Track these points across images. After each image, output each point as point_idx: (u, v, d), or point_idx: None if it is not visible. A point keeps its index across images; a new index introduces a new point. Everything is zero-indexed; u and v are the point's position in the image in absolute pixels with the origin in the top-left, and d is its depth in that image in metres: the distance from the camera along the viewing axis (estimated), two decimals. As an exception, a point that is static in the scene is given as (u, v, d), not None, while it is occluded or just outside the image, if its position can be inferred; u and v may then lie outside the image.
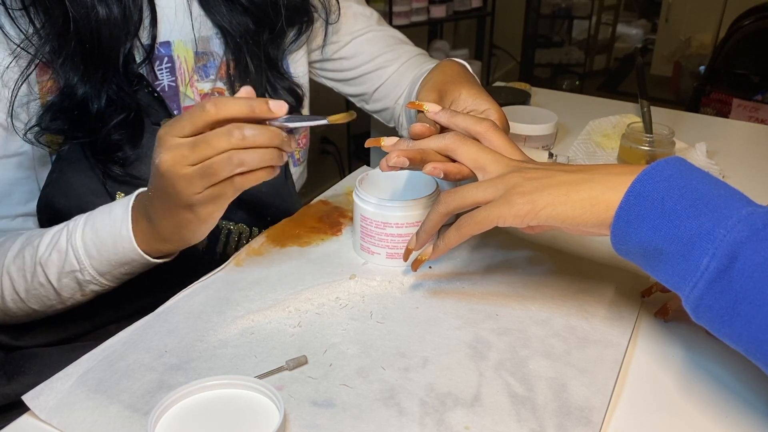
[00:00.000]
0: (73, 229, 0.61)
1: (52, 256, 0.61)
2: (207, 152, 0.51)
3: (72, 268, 0.60)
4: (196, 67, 0.72)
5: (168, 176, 0.52)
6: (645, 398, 0.51)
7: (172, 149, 0.52)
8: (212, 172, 0.52)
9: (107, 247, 0.59)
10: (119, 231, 0.59)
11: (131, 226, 0.59)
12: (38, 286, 0.62)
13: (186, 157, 0.52)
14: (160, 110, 0.68)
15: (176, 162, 0.52)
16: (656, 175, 0.46)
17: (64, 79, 0.62)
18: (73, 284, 0.62)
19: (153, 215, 0.57)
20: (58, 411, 0.48)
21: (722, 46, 1.94)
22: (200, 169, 0.52)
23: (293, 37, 0.79)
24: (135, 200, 0.60)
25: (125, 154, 0.66)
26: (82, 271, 0.61)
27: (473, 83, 0.70)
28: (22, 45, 0.59)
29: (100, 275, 0.61)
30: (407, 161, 0.56)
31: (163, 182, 0.53)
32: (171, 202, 0.55)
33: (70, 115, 0.63)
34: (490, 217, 0.51)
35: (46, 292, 0.62)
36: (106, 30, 0.62)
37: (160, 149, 0.53)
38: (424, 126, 0.59)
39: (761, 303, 0.40)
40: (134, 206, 0.59)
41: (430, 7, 2.55)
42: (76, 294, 0.63)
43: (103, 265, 0.60)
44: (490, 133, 0.58)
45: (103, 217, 0.60)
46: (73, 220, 0.62)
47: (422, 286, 0.63)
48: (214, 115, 0.51)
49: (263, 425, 0.45)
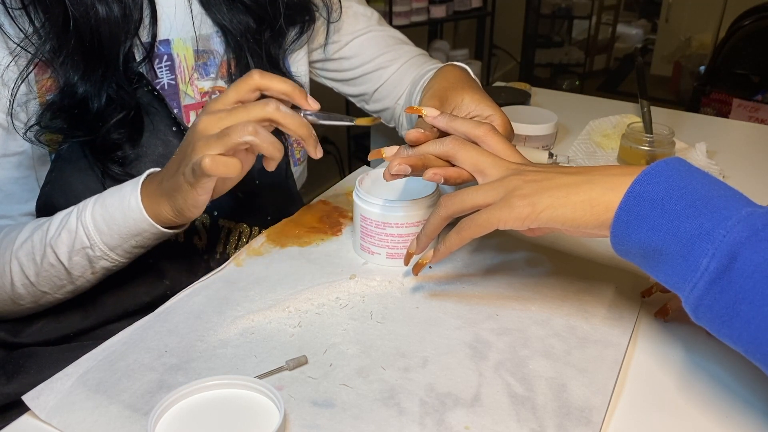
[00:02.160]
0: (82, 208, 0.62)
1: (62, 236, 0.61)
2: (242, 116, 0.54)
3: (82, 245, 0.61)
4: (196, 66, 0.72)
5: (197, 135, 0.55)
6: (645, 398, 0.51)
7: (212, 113, 0.55)
8: (226, 134, 0.53)
9: (117, 220, 0.60)
10: (129, 203, 0.60)
11: (141, 198, 0.59)
12: (48, 267, 0.62)
13: (222, 119, 0.54)
14: (160, 109, 0.68)
15: (211, 124, 0.54)
16: (656, 176, 0.46)
17: (64, 78, 0.62)
18: (84, 261, 0.62)
19: (167, 180, 0.58)
20: (58, 411, 0.48)
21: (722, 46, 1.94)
22: (220, 131, 0.54)
23: (294, 36, 0.79)
24: (146, 177, 0.61)
25: (124, 153, 0.66)
26: (93, 247, 0.61)
27: (476, 88, 0.70)
28: (21, 44, 0.60)
29: (110, 249, 0.61)
30: (409, 168, 0.57)
31: (189, 142, 0.56)
32: (182, 162, 0.56)
33: (70, 114, 0.63)
34: (490, 220, 0.51)
35: (56, 272, 0.63)
36: (106, 28, 0.62)
37: (201, 115, 0.56)
38: (419, 132, 0.59)
39: (761, 303, 0.41)
40: (145, 182, 0.61)
41: (430, 7, 2.55)
42: (87, 272, 0.63)
43: (114, 239, 0.61)
44: (489, 136, 0.58)
45: (113, 193, 0.61)
46: (83, 202, 0.63)
47: (422, 286, 0.63)
48: (258, 81, 0.56)
49: (263, 425, 0.45)
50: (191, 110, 0.73)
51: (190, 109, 0.73)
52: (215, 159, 0.53)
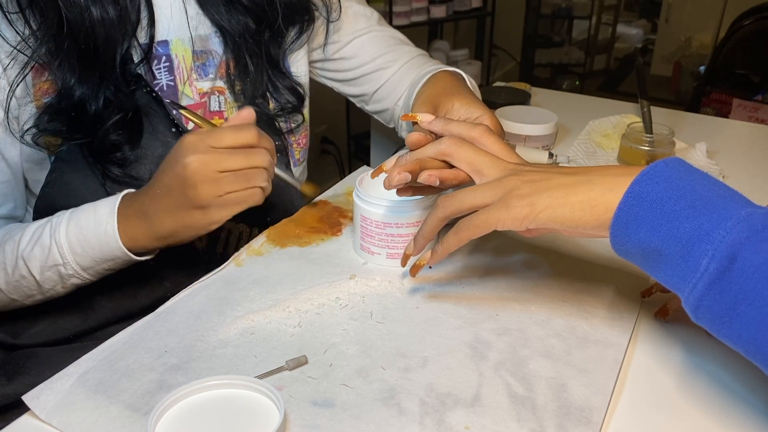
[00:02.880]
0: (56, 224, 0.62)
1: (34, 251, 0.62)
2: (242, 164, 0.58)
3: (55, 263, 0.62)
4: (195, 66, 0.72)
5: (195, 176, 0.57)
6: (645, 398, 0.51)
7: (206, 153, 0.57)
8: (246, 179, 0.59)
9: (92, 244, 0.61)
10: (104, 230, 0.61)
11: (117, 225, 0.60)
12: (20, 278, 0.63)
13: (220, 163, 0.57)
14: (159, 110, 0.68)
15: (209, 166, 0.57)
16: (655, 176, 0.46)
17: (61, 81, 0.62)
18: (56, 277, 0.63)
19: (153, 213, 0.59)
20: (58, 411, 0.48)
21: (722, 46, 1.94)
22: (236, 175, 0.58)
23: (294, 35, 0.79)
24: (122, 200, 0.62)
25: (124, 155, 0.66)
26: (65, 266, 0.62)
27: (466, 93, 0.70)
28: (18, 47, 0.59)
29: (83, 270, 0.63)
30: (409, 176, 0.57)
31: (185, 182, 0.57)
32: (184, 202, 0.58)
33: (68, 117, 0.63)
34: (488, 221, 0.51)
35: (27, 284, 0.64)
36: (101, 31, 0.62)
37: (190, 152, 0.57)
38: (420, 134, 0.59)
39: (761, 304, 0.41)
40: (121, 205, 0.61)
41: (430, 7, 2.55)
42: (57, 286, 0.64)
43: (87, 261, 0.62)
44: (485, 137, 0.58)
45: (88, 215, 0.62)
46: (55, 216, 0.63)
47: (422, 286, 0.63)
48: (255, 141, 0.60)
49: (263, 425, 0.45)
50: None
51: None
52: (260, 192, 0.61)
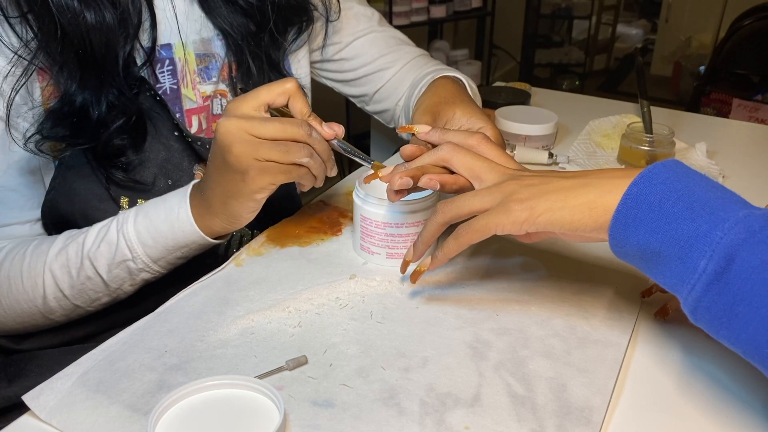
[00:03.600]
0: (123, 220, 0.62)
1: (101, 248, 0.62)
2: (276, 132, 0.55)
3: (124, 258, 0.62)
4: (198, 69, 0.72)
5: (227, 137, 0.55)
6: (645, 398, 0.51)
7: (237, 117, 0.55)
8: (284, 150, 0.55)
9: (163, 233, 0.61)
10: (177, 215, 0.61)
11: (190, 209, 0.61)
12: (85, 279, 0.63)
13: (253, 127, 0.55)
14: (162, 113, 0.68)
15: (240, 127, 0.55)
16: (653, 178, 0.46)
17: (63, 86, 0.61)
18: (124, 274, 0.63)
19: (207, 186, 0.59)
20: (58, 411, 0.48)
21: (722, 46, 1.94)
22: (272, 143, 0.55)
23: (293, 36, 0.79)
24: (192, 188, 0.62)
25: (128, 159, 0.66)
26: (135, 260, 0.62)
27: (468, 102, 0.70)
28: (18, 52, 0.59)
29: (153, 262, 0.63)
30: (411, 181, 0.57)
31: (220, 146, 0.56)
32: (225, 167, 0.57)
33: (71, 122, 0.62)
34: (488, 225, 0.51)
35: (93, 285, 0.63)
36: (97, 36, 0.61)
37: (223, 118, 0.55)
38: (414, 147, 0.60)
39: (759, 305, 0.41)
40: (191, 193, 0.62)
41: (430, 7, 2.55)
42: (125, 284, 0.64)
43: (158, 251, 0.62)
44: (483, 145, 0.58)
45: (156, 205, 0.62)
46: (121, 214, 0.63)
47: (422, 288, 0.63)
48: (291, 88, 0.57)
49: (263, 425, 0.45)
50: (193, 114, 0.73)
51: (192, 114, 0.73)
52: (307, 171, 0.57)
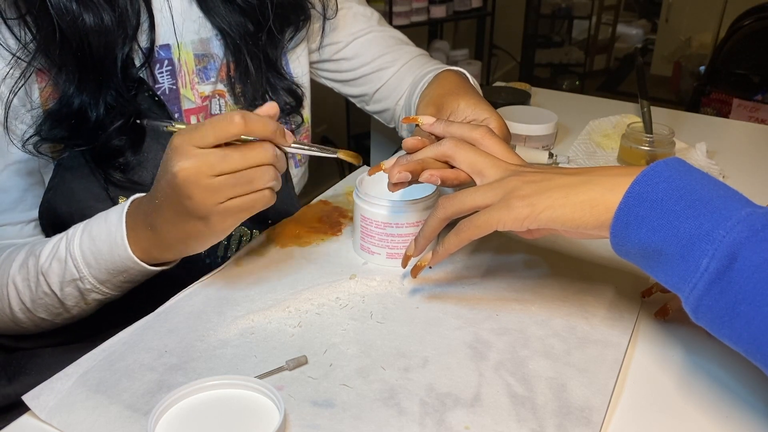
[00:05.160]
0: (71, 237, 0.60)
1: (53, 266, 0.60)
2: (239, 164, 0.52)
3: (72, 277, 0.60)
4: (196, 70, 0.72)
5: (187, 185, 0.51)
6: (645, 398, 0.51)
7: (195, 158, 0.51)
8: (247, 181, 0.52)
9: (104, 255, 0.58)
10: (114, 239, 0.58)
11: (125, 233, 0.57)
12: (43, 295, 0.61)
13: (213, 167, 0.51)
14: (161, 113, 0.68)
15: (200, 171, 0.51)
16: (655, 177, 0.46)
17: (62, 88, 0.61)
18: (76, 293, 0.61)
19: (158, 224, 0.56)
20: (58, 411, 0.48)
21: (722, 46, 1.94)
22: (234, 178, 0.52)
23: (290, 34, 0.79)
24: (130, 207, 0.58)
25: (126, 160, 0.65)
26: (82, 280, 0.60)
27: (472, 93, 0.70)
28: (17, 54, 0.59)
29: (100, 283, 0.60)
30: (410, 175, 0.57)
31: (178, 191, 0.52)
32: (183, 212, 0.53)
33: (69, 124, 0.62)
34: (489, 221, 0.51)
35: (51, 301, 0.62)
36: (95, 38, 0.61)
37: (177, 158, 0.51)
38: (415, 139, 0.59)
39: (761, 304, 0.41)
40: (129, 213, 0.58)
41: (430, 7, 2.55)
42: (80, 302, 0.62)
43: (102, 274, 0.59)
44: (487, 138, 0.58)
45: (99, 224, 0.59)
46: (72, 228, 0.61)
47: (422, 286, 0.63)
48: (242, 130, 0.51)
49: (263, 425, 0.45)
50: (192, 114, 0.73)
51: (190, 114, 0.73)
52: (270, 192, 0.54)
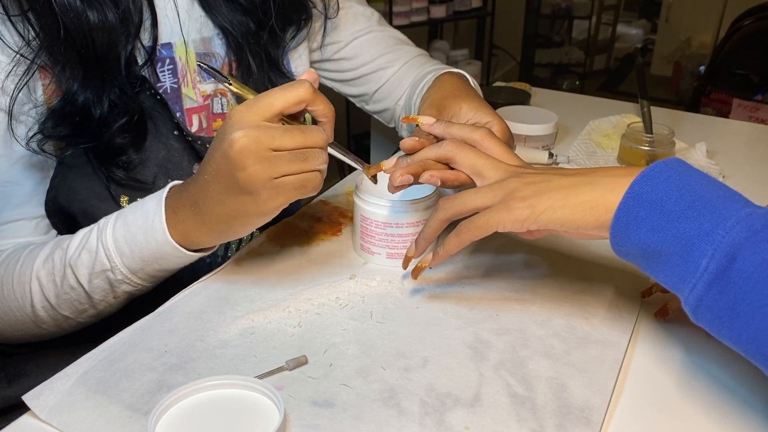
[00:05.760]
0: (103, 226, 0.59)
1: (81, 257, 0.58)
2: (299, 142, 0.52)
3: (103, 267, 0.58)
4: (198, 69, 0.72)
5: (244, 155, 0.50)
6: (645, 398, 0.51)
7: (257, 128, 0.50)
8: (303, 158, 0.52)
9: (139, 241, 0.57)
10: (152, 223, 0.56)
11: (164, 216, 0.56)
12: (69, 289, 0.60)
13: (274, 139, 0.50)
14: (163, 112, 0.68)
15: (260, 141, 0.50)
16: (655, 177, 0.46)
17: (65, 86, 0.61)
18: (105, 285, 0.59)
19: (203, 202, 0.54)
20: (58, 411, 0.48)
21: (722, 46, 1.94)
22: (292, 154, 0.51)
23: (292, 33, 0.79)
24: (170, 191, 0.57)
25: (129, 158, 0.65)
26: (114, 270, 0.58)
27: (473, 96, 0.70)
28: (20, 52, 0.59)
29: (132, 273, 0.58)
30: (411, 178, 0.57)
31: (233, 162, 0.50)
32: (233, 187, 0.52)
33: (72, 121, 0.61)
34: (489, 223, 0.51)
35: (77, 296, 0.60)
36: (99, 35, 0.61)
37: (237, 126, 0.50)
38: (413, 140, 0.59)
39: (760, 304, 0.41)
40: (169, 196, 0.57)
41: (430, 7, 2.55)
42: (108, 296, 0.60)
43: (135, 262, 0.58)
44: (487, 140, 0.58)
45: (135, 211, 0.58)
46: (104, 219, 0.60)
47: (422, 287, 0.63)
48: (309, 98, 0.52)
49: (263, 425, 0.45)
50: (193, 113, 0.73)
51: (192, 113, 0.73)
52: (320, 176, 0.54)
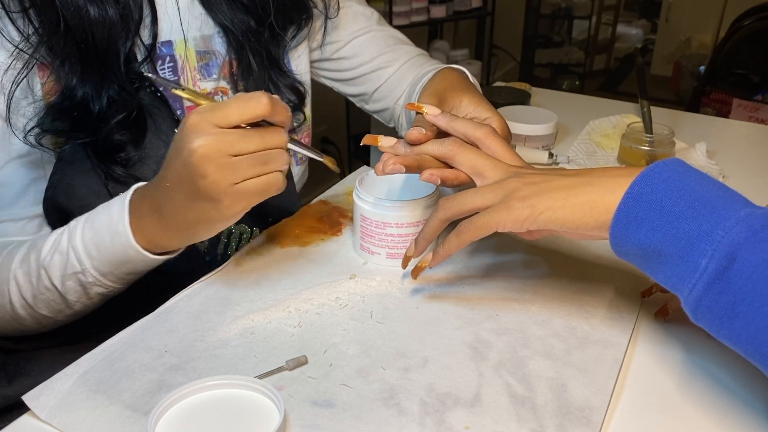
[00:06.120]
0: (73, 228, 0.59)
1: (54, 259, 0.59)
2: (258, 145, 0.52)
3: (74, 270, 0.59)
4: (198, 66, 0.72)
5: (204, 163, 0.50)
6: (645, 398, 0.51)
7: (215, 135, 0.50)
8: (263, 162, 0.52)
9: (106, 245, 0.57)
10: (116, 228, 0.57)
11: (128, 221, 0.56)
12: (44, 290, 0.60)
13: (233, 145, 0.50)
14: (163, 109, 0.68)
15: (219, 149, 0.50)
16: (654, 177, 0.46)
17: (64, 80, 0.61)
18: (77, 287, 0.60)
19: (166, 209, 0.55)
20: (58, 411, 0.48)
21: (722, 46, 1.94)
22: (252, 158, 0.51)
23: (293, 32, 0.79)
24: (133, 195, 0.58)
25: (128, 155, 0.65)
26: (84, 273, 0.59)
27: (474, 91, 0.70)
28: (19, 46, 0.59)
29: (102, 275, 0.59)
30: (404, 168, 0.56)
31: (194, 170, 0.51)
32: (195, 194, 0.52)
33: (71, 116, 0.62)
34: (489, 223, 0.51)
35: (52, 297, 0.61)
36: (99, 30, 0.61)
37: (195, 135, 0.50)
38: (420, 132, 0.59)
39: (760, 304, 0.41)
40: (133, 201, 0.57)
41: (430, 7, 2.55)
42: (82, 297, 0.61)
43: (104, 265, 0.58)
44: (489, 138, 0.58)
45: (101, 214, 0.58)
46: (74, 220, 0.60)
47: (422, 287, 0.63)
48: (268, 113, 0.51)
49: (263, 425, 0.45)
50: None
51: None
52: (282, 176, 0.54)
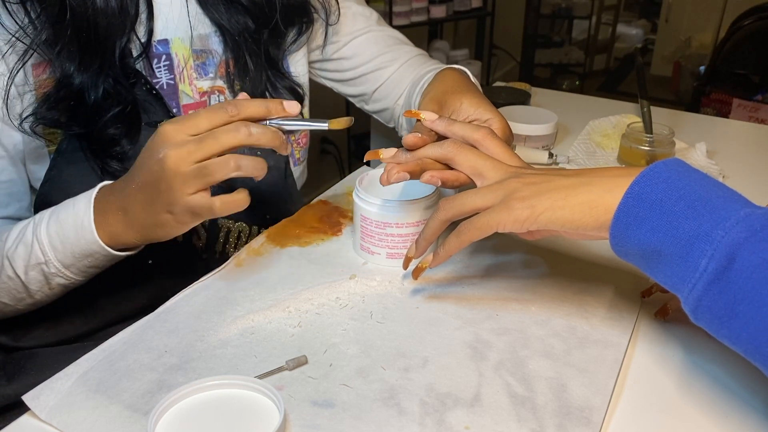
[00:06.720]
0: (39, 221, 0.61)
1: (18, 249, 0.61)
2: (214, 148, 0.53)
3: (38, 261, 0.60)
4: (195, 65, 0.72)
5: (169, 173, 0.52)
6: (645, 398, 0.51)
7: (181, 145, 0.52)
8: (208, 173, 0.53)
9: (70, 239, 0.59)
10: (81, 223, 0.58)
11: (93, 218, 0.58)
12: (7, 279, 0.62)
13: (192, 153, 0.52)
14: (158, 107, 0.68)
15: (182, 158, 0.52)
16: (654, 177, 0.46)
17: (61, 69, 0.62)
18: (40, 277, 0.61)
19: (131, 208, 0.57)
20: (58, 411, 0.48)
21: (722, 46, 1.94)
22: (197, 168, 0.52)
23: (293, 37, 0.79)
24: (99, 193, 0.59)
25: (123, 149, 0.66)
26: (48, 264, 0.60)
27: (475, 92, 0.70)
28: (17, 35, 0.59)
29: (65, 267, 0.61)
30: (408, 176, 0.56)
31: (159, 178, 0.53)
32: (157, 200, 0.54)
33: (67, 106, 0.62)
34: (489, 223, 0.51)
35: (15, 285, 0.62)
36: (103, 19, 0.62)
37: (164, 144, 0.53)
38: (416, 137, 0.59)
39: (760, 304, 0.41)
40: (98, 198, 0.59)
41: (430, 7, 2.55)
42: (44, 287, 0.63)
43: (67, 258, 0.60)
44: (488, 140, 0.58)
45: (67, 209, 0.60)
46: (40, 213, 0.62)
47: (422, 287, 0.63)
48: (235, 117, 0.53)
49: (263, 425, 0.45)
50: (190, 110, 0.73)
51: (188, 109, 0.73)
52: (225, 203, 0.54)
